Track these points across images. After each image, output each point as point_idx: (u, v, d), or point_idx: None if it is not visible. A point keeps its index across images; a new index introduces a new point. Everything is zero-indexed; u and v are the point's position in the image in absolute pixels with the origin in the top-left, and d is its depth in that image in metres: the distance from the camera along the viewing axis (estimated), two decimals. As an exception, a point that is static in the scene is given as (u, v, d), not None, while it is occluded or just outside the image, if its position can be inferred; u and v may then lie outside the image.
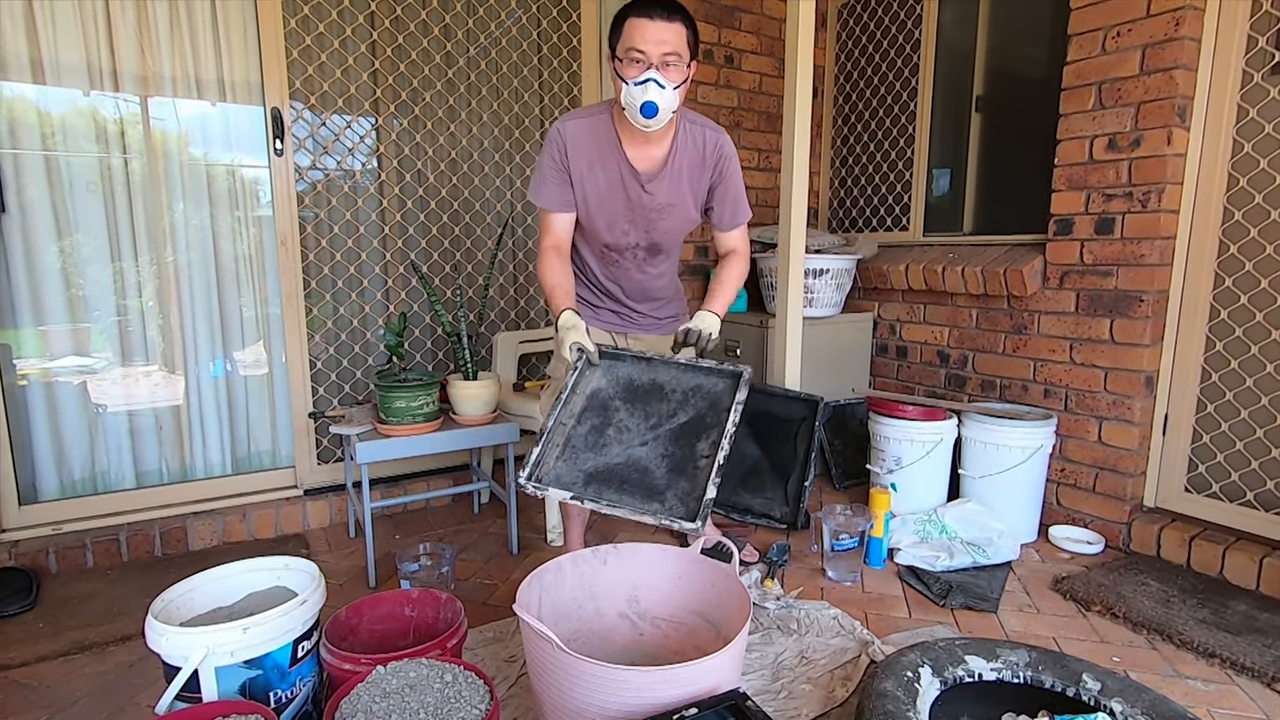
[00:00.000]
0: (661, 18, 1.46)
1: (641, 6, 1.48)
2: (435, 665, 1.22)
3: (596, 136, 1.63)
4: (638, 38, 1.46)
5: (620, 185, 1.66)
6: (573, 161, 1.63)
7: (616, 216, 1.70)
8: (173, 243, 2.26)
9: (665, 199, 1.69)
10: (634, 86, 1.48)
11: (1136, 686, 1.25)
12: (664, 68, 1.47)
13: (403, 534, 2.39)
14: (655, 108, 1.47)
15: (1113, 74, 2.15)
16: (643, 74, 1.47)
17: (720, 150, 1.69)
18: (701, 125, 1.69)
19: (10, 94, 2.02)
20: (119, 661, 1.64)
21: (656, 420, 1.52)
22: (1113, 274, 2.20)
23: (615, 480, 1.43)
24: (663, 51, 1.46)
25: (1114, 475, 2.25)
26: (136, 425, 2.29)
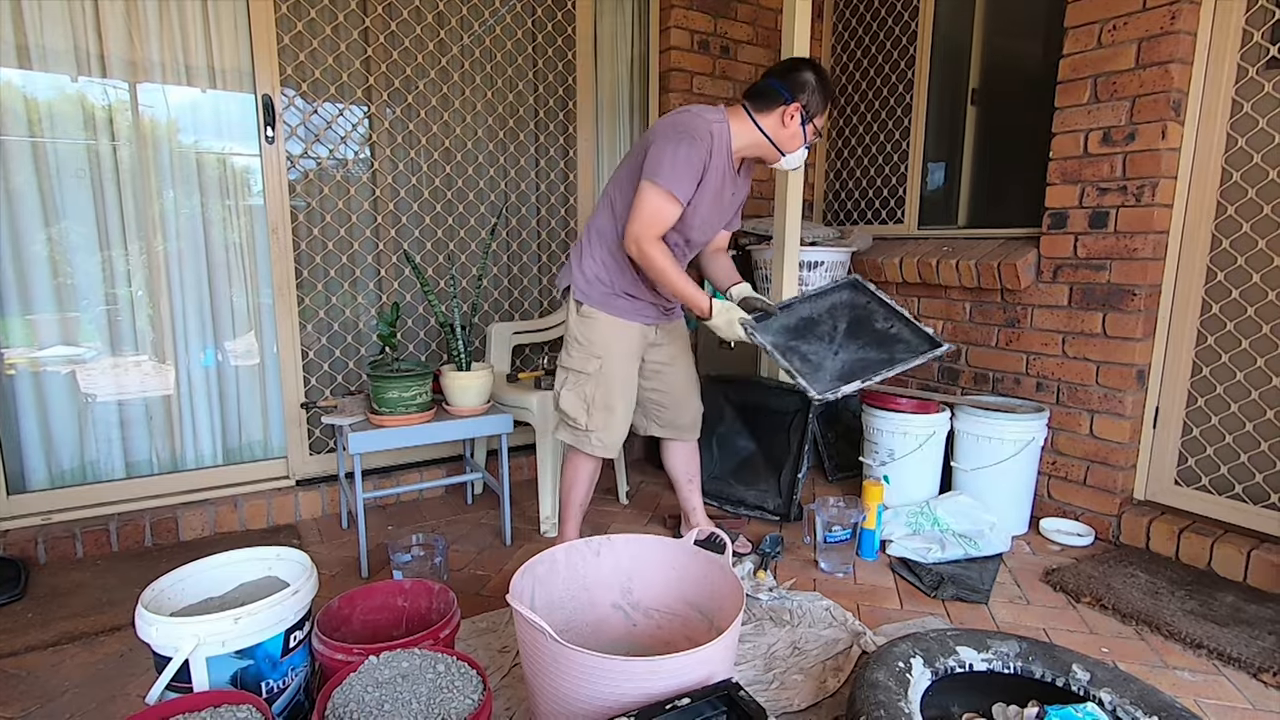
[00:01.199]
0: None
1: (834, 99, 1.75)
2: (428, 655, 1.22)
3: (725, 143, 1.71)
4: (822, 120, 1.74)
5: (726, 186, 1.78)
6: (713, 161, 1.68)
7: (707, 215, 1.78)
8: (162, 231, 2.24)
9: (739, 199, 1.90)
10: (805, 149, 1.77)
11: (1125, 677, 1.26)
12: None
13: (395, 525, 2.38)
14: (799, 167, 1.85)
15: (1108, 68, 2.15)
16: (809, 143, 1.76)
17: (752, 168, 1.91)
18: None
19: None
20: (109, 652, 1.63)
21: (829, 338, 1.88)
22: (1106, 268, 2.21)
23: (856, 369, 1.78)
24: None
25: (1105, 468, 2.26)
26: (126, 415, 2.27)
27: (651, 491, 2.70)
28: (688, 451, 2.11)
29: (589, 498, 2.02)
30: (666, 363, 1.97)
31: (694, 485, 2.16)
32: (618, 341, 1.83)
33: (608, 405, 1.85)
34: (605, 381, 1.84)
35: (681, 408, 2.02)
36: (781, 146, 1.74)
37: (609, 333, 1.82)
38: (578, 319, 1.83)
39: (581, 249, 1.83)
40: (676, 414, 2.02)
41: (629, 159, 1.77)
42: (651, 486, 2.75)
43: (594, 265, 1.80)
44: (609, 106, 2.98)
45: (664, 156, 1.61)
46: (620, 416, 1.88)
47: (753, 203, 3.20)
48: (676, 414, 2.02)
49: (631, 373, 1.89)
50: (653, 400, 2.00)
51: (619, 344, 1.83)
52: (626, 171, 1.75)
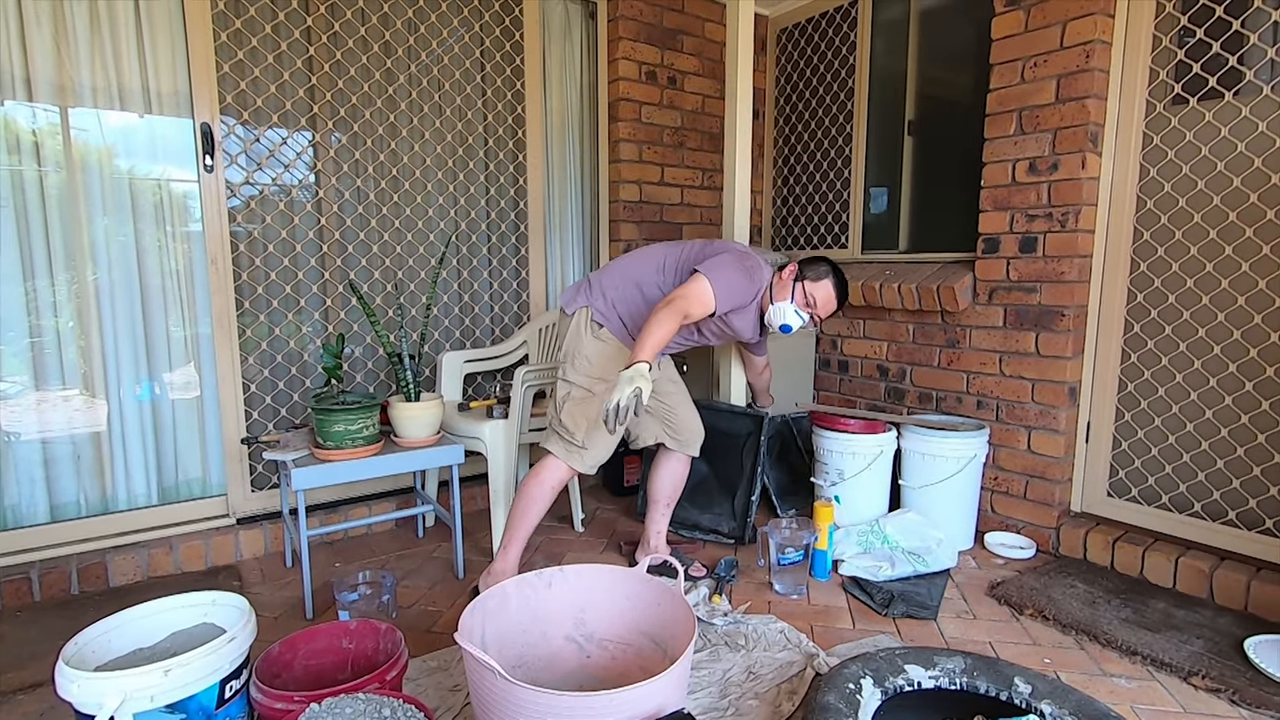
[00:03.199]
0: (840, 301, 1.99)
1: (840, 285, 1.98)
2: (373, 699, 1.18)
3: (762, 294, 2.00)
4: (821, 298, 1.95)
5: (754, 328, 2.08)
6: (754, 302, 1.98)
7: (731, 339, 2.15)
8: (93, 260, 2.15)
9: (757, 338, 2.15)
10: (793, 311, 1.96)
11: (1064, 688, 1.30)
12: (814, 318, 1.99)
13: (343, 561, 2.31)
14: (790, 329, 1.98)
15: (1031, 102, 2.28)
16: (804, 310, 1.96)
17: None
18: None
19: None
20: (26, 712, 1.53)
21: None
22: (1036, 290, 2.31)
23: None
24: (821, 313, 1.98)
25: (1043, 482, 2.35)
26: (51, 454, 2.15)
27: (607, 518, 2.69)
28: (681, 467, 2.17)
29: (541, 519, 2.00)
30: (665, 380, 2.13)
31: (668, 510, 2.20)
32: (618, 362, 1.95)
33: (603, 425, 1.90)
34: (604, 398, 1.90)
35: (687, 421, 2.14)
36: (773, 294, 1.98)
37: (620, 358, 1.95)
38: (592, 339, 1.97)
39: (613, 286, 2.01)
40: (684, 426, 2.13)
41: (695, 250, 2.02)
42: (607, 514, 2.74)
43: (624, 305, 1.99)
44: (559, 134, 3.01)
45: (725, 273, 1.87)
46: (611, 438, 1.94)
47: (703, 229, 3.26)
48: (684, 426, 2.13)
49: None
50: (665, 411, 2.12)
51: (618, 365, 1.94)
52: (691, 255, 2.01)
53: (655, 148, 3.06)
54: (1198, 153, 2.07)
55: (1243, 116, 1.98)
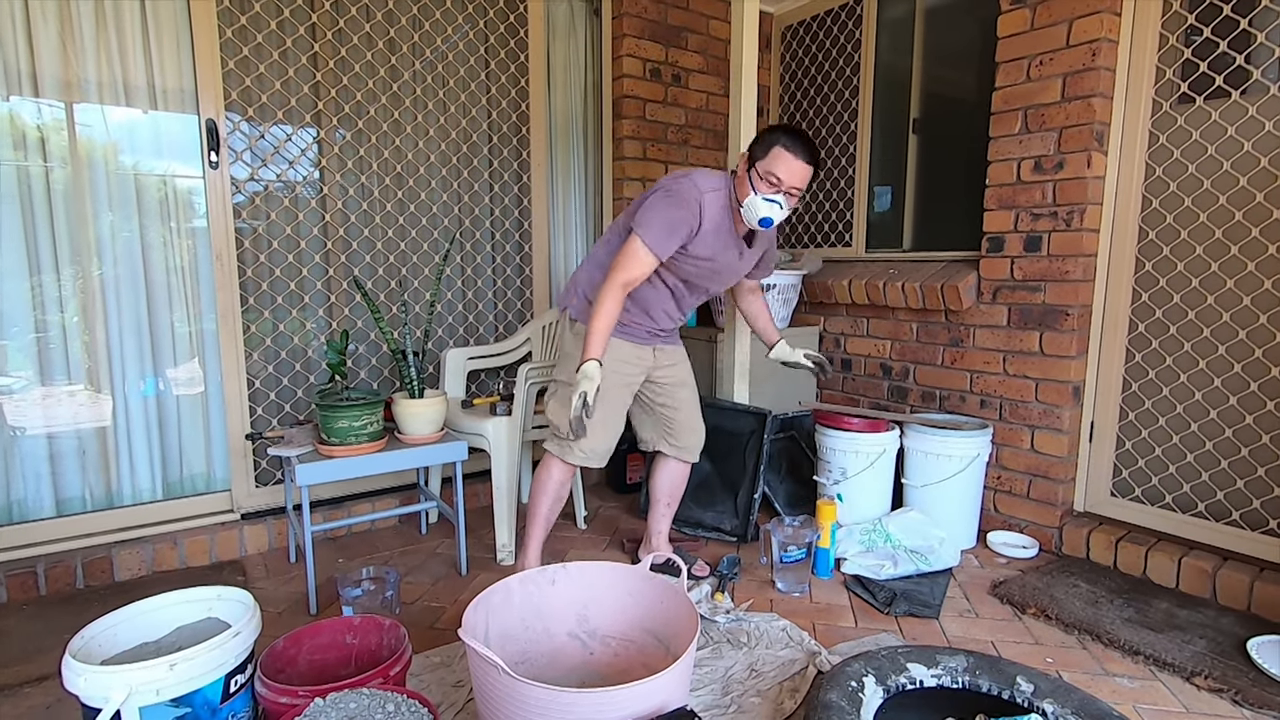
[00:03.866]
0: (804, 159, 1.72)
1: (792, 143, 1.70)
2: (377, 695, 1.19)
3: (722, 207, 1.82)
4: (781, 168, 1.70)
5: (733, 249, 1.89)
6: (704, 227, 1.79)
7: (716, 273, 1.91)
8: (99, 255, 2.16)
9: (749, 262, 1.97)
10: (761, 200, 1.73)
11: (1066, 687, 1.30)
12: (787, 195, 1.73)
13: (346, 557, 2.32)
14: (771, 222, 1.76)
15: (1037, 100, 2.27)
16: (772, 194, 1.72)
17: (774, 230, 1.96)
18: None
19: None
20: (33, 705, 1.54)
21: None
22: (1041, 289, 2.31)
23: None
24: (793, 185, 1.72)
25: (1046, 482, 2.35)
26: (57, 449, 2.16)
27: (610, 516, 2.69)
28: (680, 472, 2.15)
29: (554, 515, 2.01)
30: (676, 384, 2.07)
31: (670, 509, 2.18)
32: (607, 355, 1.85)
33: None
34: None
35: (688, 427, 2.09)
36: (738, 195, 1.80)
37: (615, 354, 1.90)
38: (570, 335, 1.94)
39: (585, 277, 1.95)
40: (682, 432, 2.09)
41: (632, 207, 1.88)
42: (610, 511, 2.74)
43: (591, 290, 1.91)
44: (562, 132, 3.01)
45: (652, 215, 1.74)
46: (602, 428, 1.91)
47: (706, 226, 3.25)
48: (682, 432, 2.09)
49: (616, 385, 1.91)
50: (665, 416, 2.09)
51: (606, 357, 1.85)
52: (625, 216, 1.90)
53: (659, 145, 3.06)
54: (1204, 152, 2.06)
55: (1249, 116, 1.98)
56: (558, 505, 2.01)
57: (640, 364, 1.98)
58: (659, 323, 1.98)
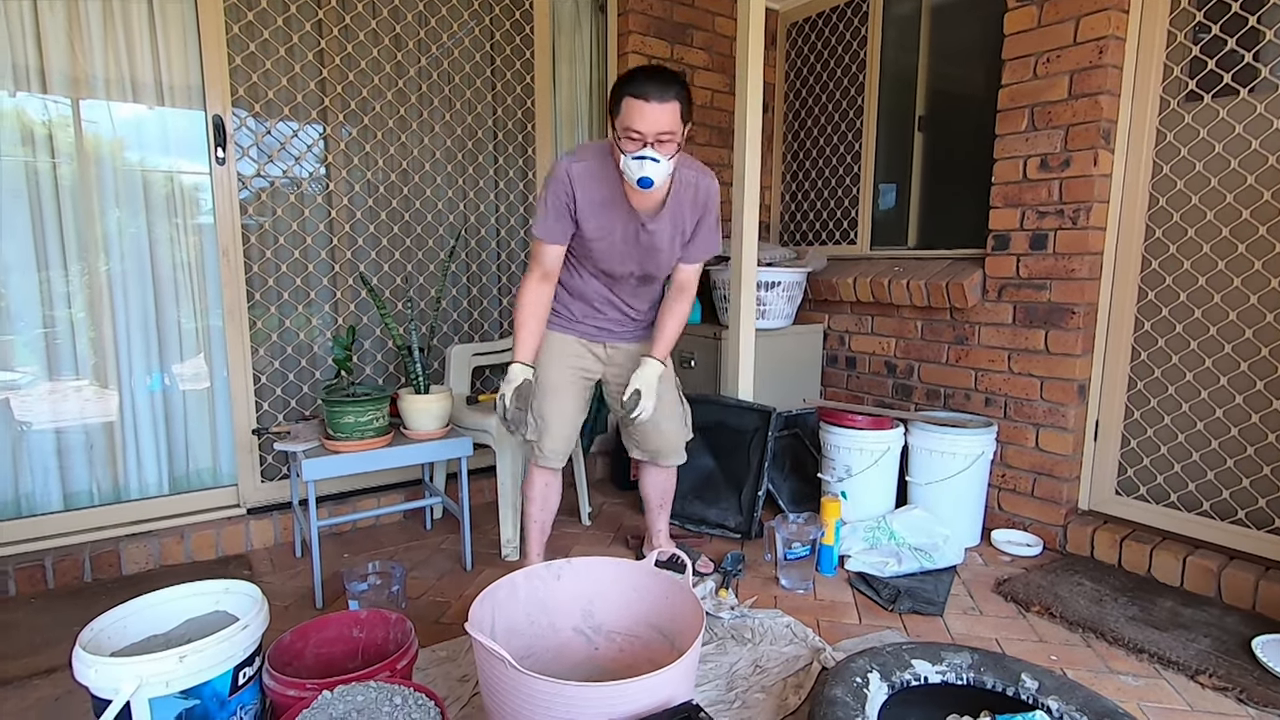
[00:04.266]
0: (657, 99, 1.50)
1: (637, 87, 1.51)
2: (384, 688, 1.20)
3: (603, 178, 1.70)
4: (635, 119, 1.51)
5: (624, 225, 1.75)
6: (579, 202, 1.70)
7: (618, 252, 1.79)
8: (105, 251, 2.17)
9: (662, 238, 1.78)
10: (631, 160, 1.55)
11: (1071, 684, 1.30)
12: (658, 144, 1.53)
13: (352, 552, 2.33)
14: (650, 182, 1.56)
15: (1043, 98, 2.26)
16: (639, 150, 1.54)
17: (709, 195, 1.79)
18: (695, 170, 1.77)
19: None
20: (42, 696, 1.55)
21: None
22: (1046, 287, 2.31)
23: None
24: (658, 131, 1.52)
25: (1050, 480, 2.35)
26: (65, 443, 2.17)
27: (614, 512, 2.70)
28: (661, 477, 2.11)
29: (547, 517, 2.01)
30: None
31: (663, 510, 2.17)
32: (546, 351, 1.89)
33: (540, 413, 1.89)
34: (539, 390, 1.88)
35: (651, 432, 1.98)
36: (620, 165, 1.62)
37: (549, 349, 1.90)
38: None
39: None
40: (646, 437, 2.00)
41: None
42: (614, 507, 2.75)
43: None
44: (568, 129, 3.01)
45: (538, 201, 1.76)
46: (553, 424, 1.89)
47: (711, 223, 3.24)
48: (646, 437, 2.00)
49: (561, 382, 1.90)
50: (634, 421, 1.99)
51: (547, 353, 1.89)
52: None
53: (664, 142, 3.05)
54: (1211, 150, 2.06)
55: (1258, 113, 1.97)
56: (546, 508, 2.00)
57: (587, 359, 1.93)
58: (604, 314, 1.91)
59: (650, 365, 1.83)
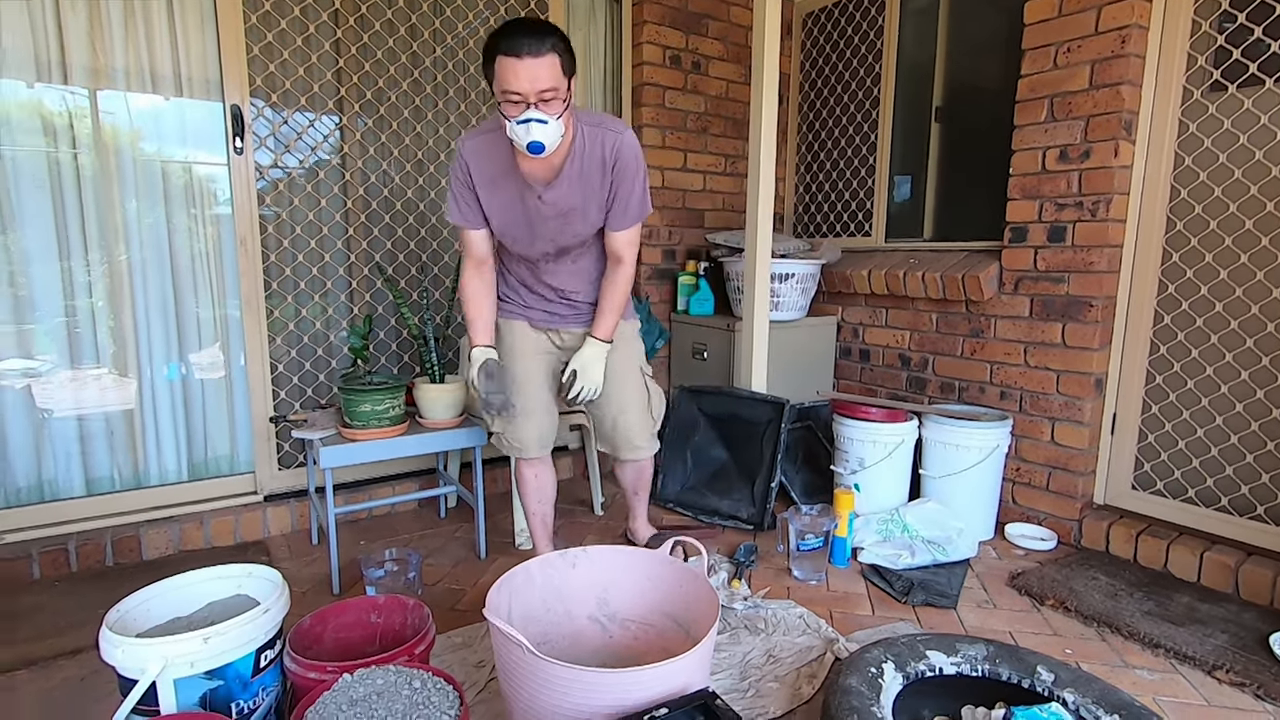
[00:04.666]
0: (530, 54, 1.40)
1: (508, 42, 1.41)
2: (403, 672, 1.21)
3: (495, 152, 1.63)
4: (510, 79, 1.42)
5: (520, 199, 1.67)
6: (476, 179, 1.66)
7: (520, 228, 1.72)
8: (125, 241, 2.19)
9: (563, 206, 1.67)
10: (516, 126, 1.46)
11: (1087, 677, 1.30)
12: (542, 104, 1.44)
13: (367, 540, 2.35)
14: (541, 146, 1.48)
15: (1063, 88, 2.24)
16: (522, 114, 1.44)
17: (619, 151, 1.63)
18: (601, 126, 1.63)
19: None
20: (67, 676, 1.58)
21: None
22: (1064, 280, 2.28)
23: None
24: (538, 89, 1.42)
25: (1066, 474, 2.33)
26: (86, 430, 2.21)
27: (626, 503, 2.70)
28: (632, 469, 2.05)
29: (545, 508, 2.00)
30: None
31: (640, 497, 2.15)
32: (502, 341, 1.89)
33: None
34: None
35: (607, 421, 1.93)
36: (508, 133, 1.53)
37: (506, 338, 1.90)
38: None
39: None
40: (602, 426, 1.96)
41: None
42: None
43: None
44: (582, 119, 3.00)
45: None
46: (522, 416, 1.84)
47: (723, 216, 3.24)
48: (602, 426, 1.96)
49: (524, 372, 1.87)
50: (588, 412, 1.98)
51: (503, 344, 1.89)
52: None
53: (678, 134, 3.05)
54: (1235, 141, 2.03)
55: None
56: (543, 498, 1.98)
57: (543, 343, 1.91)
58: (546, 299, 1.86)
59: (590, 345, 1.79)
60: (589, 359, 1.79)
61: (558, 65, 1.44)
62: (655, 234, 3.07)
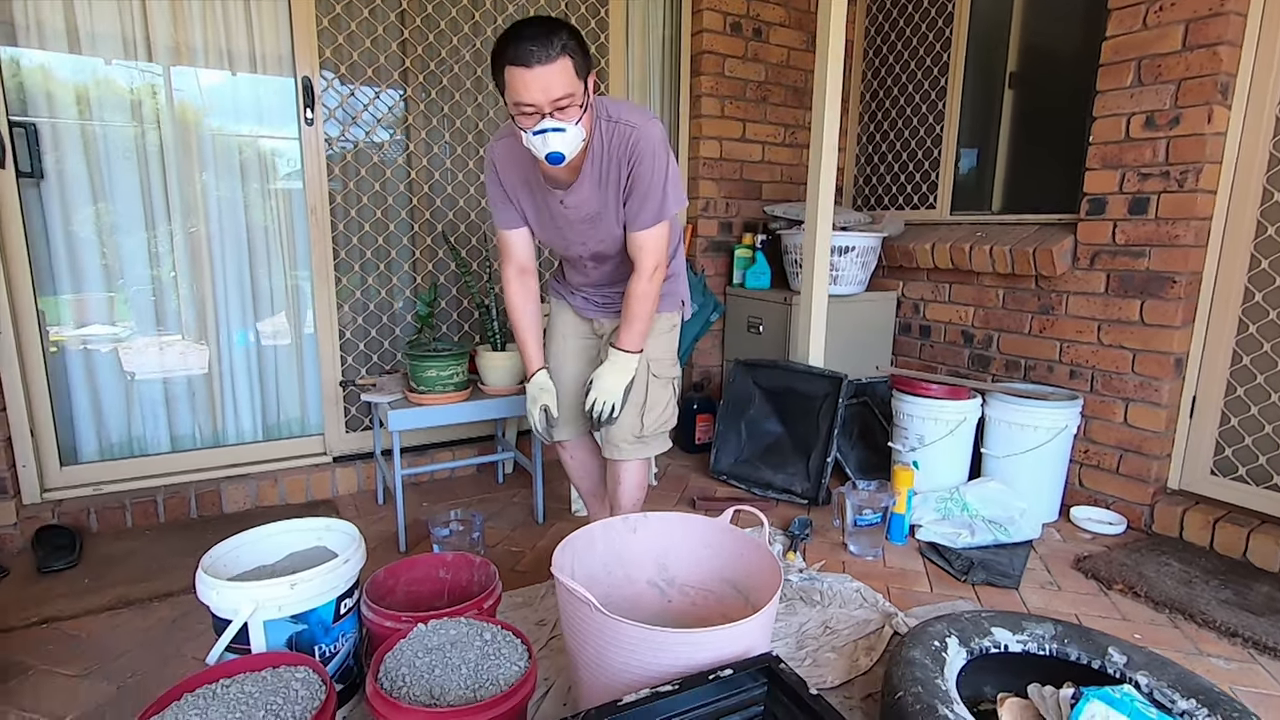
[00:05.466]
0: (540, 62, 1.29)
1: (515, 51, 1.29)
2: (474, 624, 1.26)
3: (518, 156, 1.56)
4: (521, 90, 1.32)
5: (545, 204, 1.60)
6: (504, 182, 1.61)
7: (550, 232, 1.65)
8: (204, 212, 2.28)
9: (587, 210, 1.56)
10: (533, 137, 1.37)
11: (1162, 660, 1.27)
12: (558, 112, 1.34)
13: (429, 501, 2.43)
14: (561, 156, 1.39)
15: (1153, 50, 2.11)
16: (537, 124, 1.35)
17: (635, 146, 1.48)
18: (621, 121, 1.49)
19: (47, 63, 2.03)
20: (162, 617, 1.70)
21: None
22: (1145, 255, 2.18)
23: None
24: (552, 98, 1.32)
25: (1139, 457, 2.25)
26: (169, 391, 2.33)
27: (679, 474, 2.73)
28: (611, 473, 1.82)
29: (590, 483, 1.96)
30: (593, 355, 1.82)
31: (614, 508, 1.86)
32: (551, 321, 1.87)
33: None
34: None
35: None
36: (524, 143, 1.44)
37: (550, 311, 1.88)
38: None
39: None
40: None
41: None
42: (679, 469, 2.77)
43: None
44: (639, 89, 2.98)
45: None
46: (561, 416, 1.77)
47: (781, 186, 3.18)
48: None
49: (560, 350, 1.83)
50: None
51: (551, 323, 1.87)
52: None
53: (737, 103, 2.99)
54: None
55: (1405, 63, 1.79)
56: (587, 474, 1.95)
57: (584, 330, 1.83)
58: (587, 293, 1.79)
59: (611, 355, 1.64)
60: (605, 369, 1.64)
61: (570, 68, 1.33)
62: (711, 206, 3.04)
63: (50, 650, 1.56)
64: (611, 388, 1.63)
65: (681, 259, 1.82)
